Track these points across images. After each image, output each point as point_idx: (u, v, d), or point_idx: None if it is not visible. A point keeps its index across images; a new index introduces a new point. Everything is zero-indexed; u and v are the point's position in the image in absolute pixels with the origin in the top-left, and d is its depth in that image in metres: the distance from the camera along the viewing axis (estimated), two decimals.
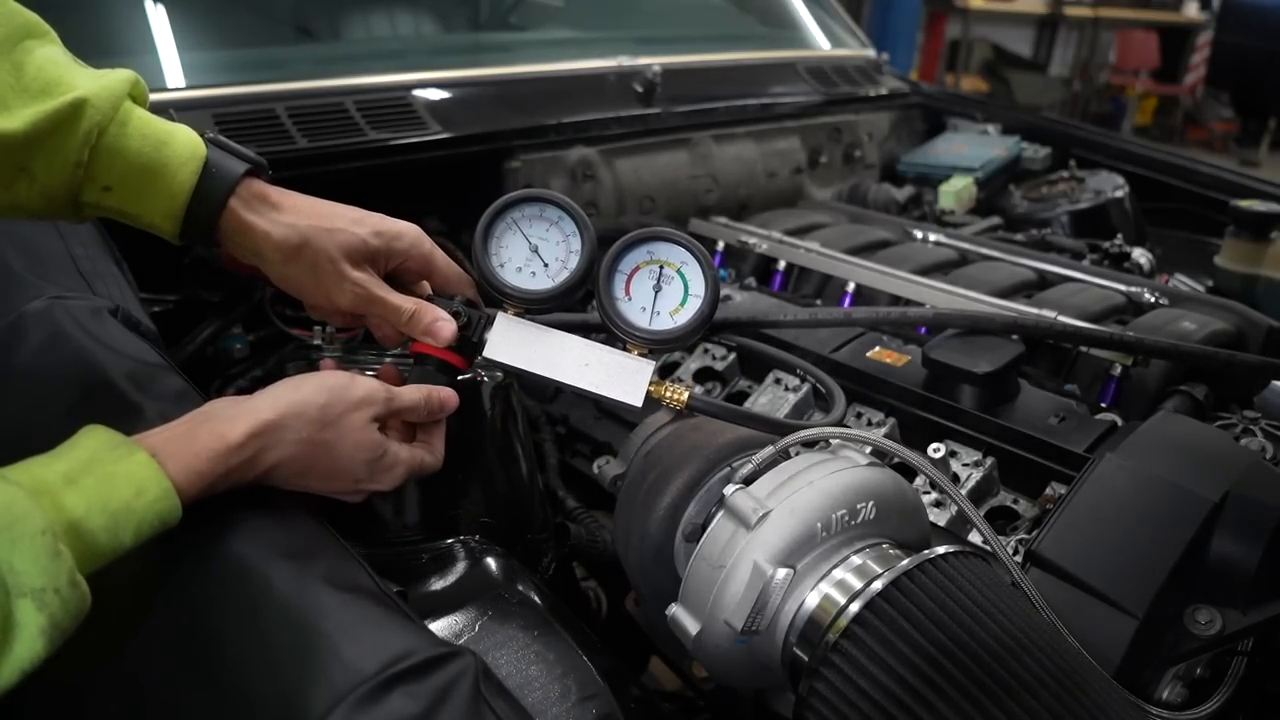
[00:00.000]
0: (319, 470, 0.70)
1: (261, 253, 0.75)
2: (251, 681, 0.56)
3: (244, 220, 0.74)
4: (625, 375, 0.79)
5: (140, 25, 1.42)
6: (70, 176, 0.69)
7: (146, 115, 0.72)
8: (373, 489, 0.74)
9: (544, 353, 0.79)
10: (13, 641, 0.51)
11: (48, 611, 0.52)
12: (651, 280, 0.81)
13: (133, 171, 0.71)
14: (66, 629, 0.54)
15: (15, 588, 0.51)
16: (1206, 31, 8.49)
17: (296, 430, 0.68)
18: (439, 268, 0.82)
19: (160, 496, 0.60)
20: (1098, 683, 0.64)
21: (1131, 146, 2.06)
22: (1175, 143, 8.06)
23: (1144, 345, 1.10)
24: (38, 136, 0.67)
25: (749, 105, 1.85)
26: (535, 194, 0.82)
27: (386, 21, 1.88)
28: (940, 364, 1.09)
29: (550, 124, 1.56)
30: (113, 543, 0.58)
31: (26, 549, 0.52)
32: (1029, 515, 1.02)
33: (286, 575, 0.61)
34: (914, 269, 1.43)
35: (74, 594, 0.54)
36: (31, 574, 0.52)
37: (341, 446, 0.70)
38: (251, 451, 0.65)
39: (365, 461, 0.72)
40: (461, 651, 0.57)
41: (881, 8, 6.28)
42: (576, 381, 0.79)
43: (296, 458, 0.68)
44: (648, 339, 0.80)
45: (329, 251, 0.75)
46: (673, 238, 0.81)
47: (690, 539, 0.79)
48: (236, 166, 0.74)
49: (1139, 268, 1.61)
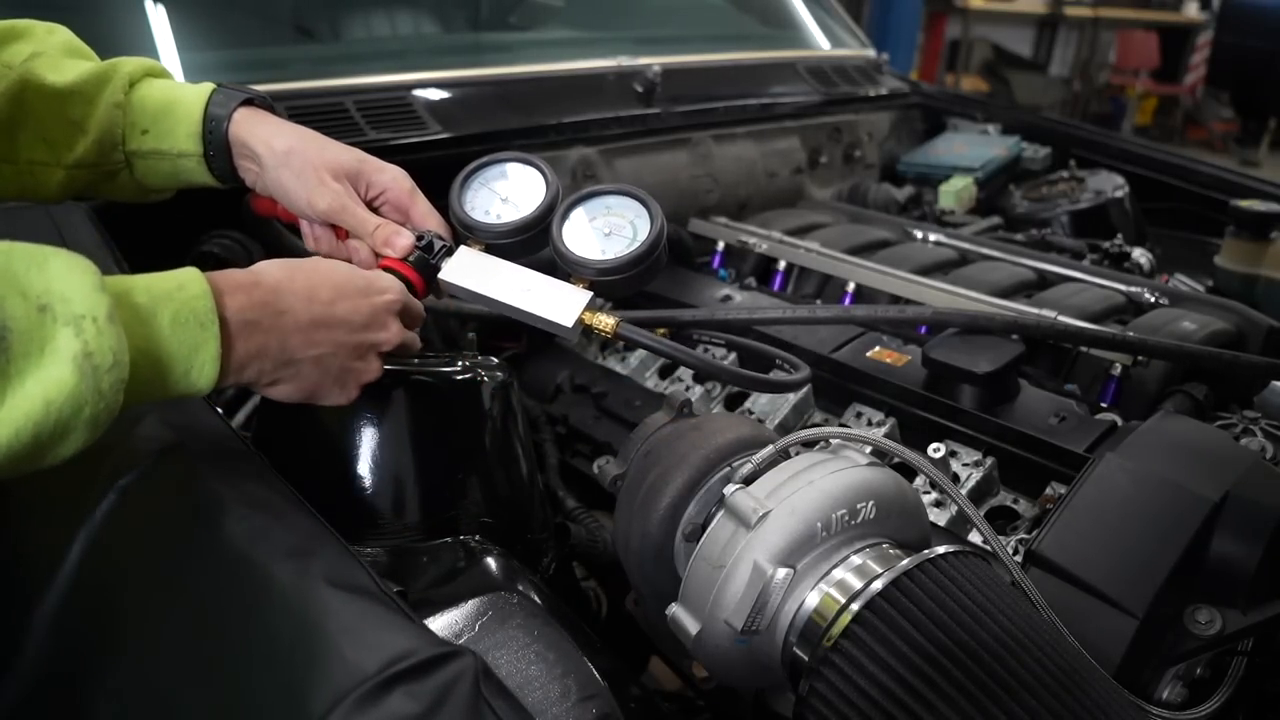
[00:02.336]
0: (322, 295, 0.73)
1: (259, 156, 0.86)
2: (252, 681, 0.56)
3: (248, 129, 0.86)
4: (561, 300, 0.84)
5: (140, 25, 1.42)
6: (112, 118, 0.85)
7: (168, 79, 0.91)
8: (372, 338, 0.76)
9: (493, 280, 0.86)
10: (45, 363, 0.52)
11: (82, 339, 0.54)
12: (605, 230, 0.87)
13: (160, 110, 0.86)
14: (98, 366, 0.54)
15: (62, 315, 0.54)
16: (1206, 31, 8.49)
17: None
18: (418, 208, 0.90)
19: (200, 295, 0.63)
20: (1098, 682, 0.64)
21: (1131, 146, 2.06)
22: (1175, 143, 8.06)
23: (1144, 346, 1.10)
24: (83, 89, 0.84)
25: (749, 105, 1.85)
26: (512, 156, 0.92)
27: (386, 21, 1.88)
28: (940, 364, 1.09)
29: (550, 124, 1.56)
30: (149, 318, 0.60)
31: (76, 279, 0.55)
32: (1029, 515, 1.02)
33: (287, 575, 0.61)
34: (914, 269, 1.43)
35: (111, 331, 0.55)
36: (74, 301, 0.54)
37: (341, 278, 0.76)
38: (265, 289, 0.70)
39: (360, 289, 0.76)
40: (462, 651, 0.57)
41: (881, 8, 6.28)
42: (516, 302, 0.84)
43: (301, 290, 0.72)
44: (586, 268, 0.84)
45: (315, 161, 0.86)
46: (627, 191, 0.87)
47: (690, 539, 0.79)
48: (241, 94, 0.88)
49: (1139, 268, 1.61)
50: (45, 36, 0.88)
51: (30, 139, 0.84)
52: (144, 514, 0.69)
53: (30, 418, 0.52)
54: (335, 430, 0.86)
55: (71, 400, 0.53)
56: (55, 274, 0.55)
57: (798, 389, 0.83)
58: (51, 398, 0.52)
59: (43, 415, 0.52)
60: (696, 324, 1.16)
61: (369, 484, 0.87)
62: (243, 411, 1.14)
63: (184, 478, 0.70)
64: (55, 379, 0.53)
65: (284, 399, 0.73)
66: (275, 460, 0.75)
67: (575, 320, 0.83)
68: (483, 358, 0.94)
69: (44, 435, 0.53)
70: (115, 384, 0.56)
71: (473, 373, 0.93)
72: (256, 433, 0.97)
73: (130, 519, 0.68)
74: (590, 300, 0.84)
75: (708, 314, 1.15)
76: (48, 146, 0.85)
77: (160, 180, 0.90)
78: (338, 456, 0.86)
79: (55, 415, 0.53)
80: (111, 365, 0.55)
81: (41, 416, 0.52)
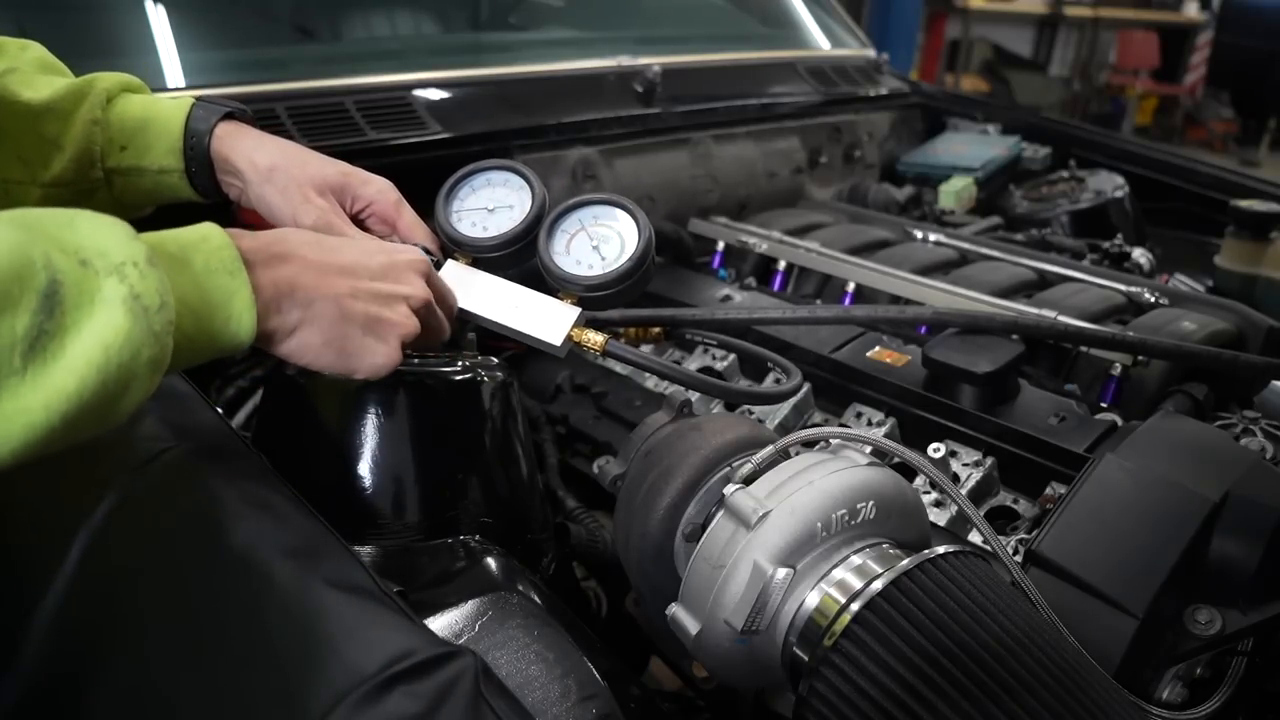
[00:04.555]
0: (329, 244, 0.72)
1: (242, 173, 0.85)
2: (251, 681, 0.56)
3: (230, 145, 0.85)
4: (550, 317, 0.83)
5: (140, 25, 1.42)
6: (89, 135, 0.83)
7: (146, 94, 0.89)
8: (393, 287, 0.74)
9: (482, 295, 0.85)
10: (96, 311, 0.53)
11: (128, 284, 0.54)
12: (591, 242, 0.86)
13: (139, 126, 0.85)
14: (148, 307, 0.55)
15: (103, 267, 0.54)
16: (1206, 31, 8.49)
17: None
18: (404, 220, 0.89)
19: (224, 245, 0.63)
20: (1098, 682, 0.64)
21: (1131, 146, 2.06)
22: (1175, 143, 8.06)
23: (1145, 345, 1.10)
24: (58, 105, 0.83)
25: (749, 105, 1.85)
26: (496, 164, 0.91)
27: (386, 21, 1.88)
28: (940, 364, 1.09)
29: (550, 124, 1.55)
30: (184, 266, 0.61)
31: (107, 232, 0.56)
32: (1029, 515, 1.02)
33: (287, 575, 0.61)
34: (914, 269, 1.43)
35: (153, 273, 0.56)
36: (113, 251, 0.55)
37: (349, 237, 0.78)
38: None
39: (374, 247, 0.76)
40: (462, 651, 0.57)
41: (881, 8, 6.28)
42: (504, 319, 0.84)
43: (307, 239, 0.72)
44: (575, 284, 0.84)
45: (299, 177, 0.85)
46: (614, 201, 0.87)
47: (690, 539, 0.79)
48: (221, 108, 0.87)
49: (1139, 268, 1.61)
50: (18, 53, 0.87)
51: (5, 157, 0.83)
52: (144, 514, 0.69)
53: (92, 364, 0.52)
54: (335, 430, 0.86)
55: (129, 343, 0.53)
56: (85, 231, 0.55)
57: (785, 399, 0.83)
58: (109, 342, 0.52)
59: (104, 360, 0.52)
60: (696, 324, 1.16)
61: (369, 484, 0.87)
62: (243, 411, 1.14)
63: (184, 478, 0.70)
64: (110, 324, 0.53)
65: (313, 357, 0.69)
66: (275, 460, 0.75)
67: (564, 338, 0.82)
68: (483, 358, 0.94)
69: (110, 382, 0.53)
70: (166, 325, 0.56)
71: (473, 373, 0.93)
72: (256, 433, 0.97)
73: (130, 519, 0.68)
74: (579, 317, 0.83)
75: (707, 314, 1.15)
76: (23, 165, 0.84)
77: (139, 197, 0.89)
78: (338, 456, 0.86)
79: (116, 359, 0.53)
80: (160, 306, 0.55)
81: (103, 362, 0.52)
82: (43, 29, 1.35)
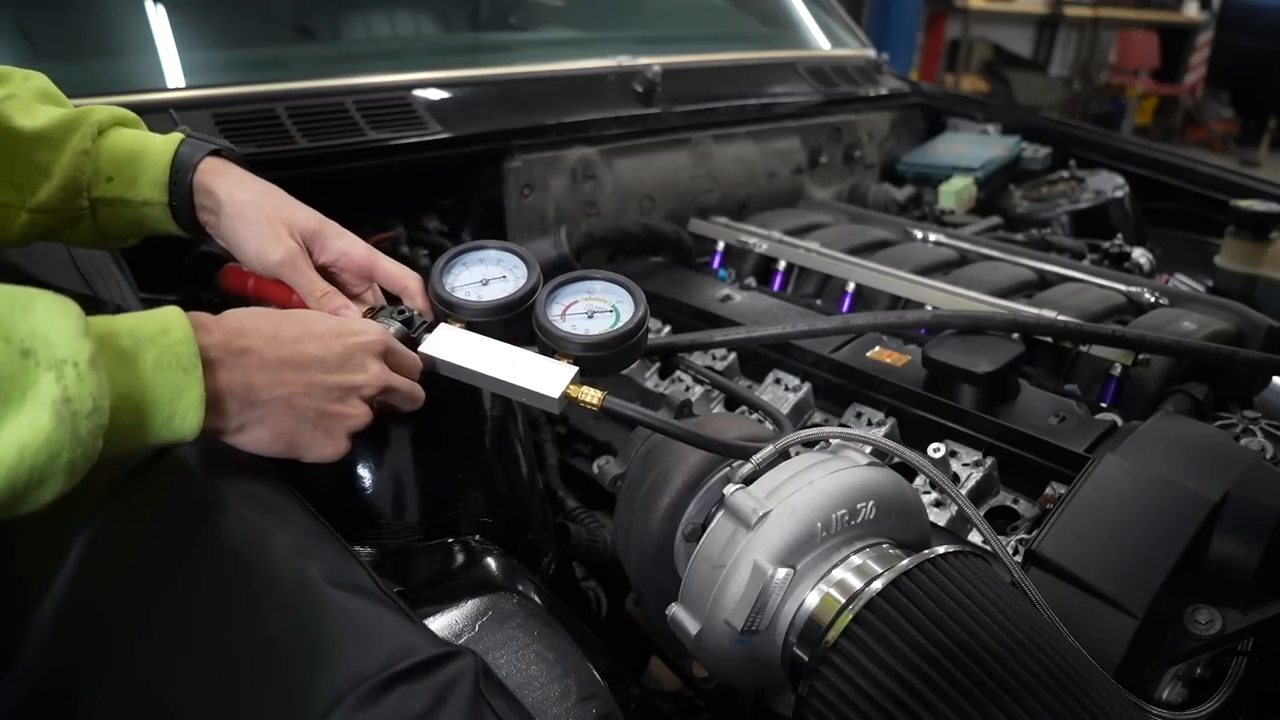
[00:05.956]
0: (287, 334, 0.71)
1: (220, 205, 0.86)
2: (252, 680, 0.56)
3: (210, 181, 0.86)
4: (546, 375, 0.83)
5: (140, 25, 1.42)
6: (78, 164, 0.85)
7: (139, 129, 0.91)
8: (348, 379, 0.74)
9: (476, 355, 0.85)
10: (25, 408, 0.52)
11: (62, 384, 0.53)
12: (588, 312, 0.86)
13: (127, 158, 0.87)
14: (76, 412, 0.54)
15: (44, 360, 0.53)
16: (1206, 31, 8.49)
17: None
18: (381, 266, 0.89)
19: (184, 339, 0.63)
20: (1098, 682, 0.64)
21: (1131, 146, 2.06)
22: (1175, 143, 8.06)
23: (1145, 342, 1.10)
24: (51, 134, 0.85)
25: (749, 105, 1.85)
26: (495, 245, 0.92)
27: (386, 21, 1.88)
28: (940, 364, 1.09)
29: (550, 124, 1.56)
30: (132, 362, 0.60)
31: (61, 323, 0.55)
32: (1029, 515, 1.02)
33: (287, 575, 0.61)
34: (914, 269, 1.43)
35: (92, 376, 0.55)
36: (59, 345, 0.54)
37: (311, 319, 0.75)
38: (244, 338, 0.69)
39: (332, 330, 0.75)
40: (462, 651, 0.57)
41: (881, 8, 6.28)
42: (501, 376, 0.83)
43: (266, 329, 0.71)
44: (571, 343, 0.84)
45: (272, 215, 0.86)
46: (612, 278, 0.88)
47: (690, 539, 0.79)
48: (207, 145, 0.89)
49: (1139, 268, 1.61)
50: (21, 82, 0.89)
51: None
52: (143, 514, 0.68)
53: (4, 463, 0.51)
54: None
55: (47, 446, 0.53)
56: (41, 317, 0.54)
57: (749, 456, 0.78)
58: (26, 443, 0.52)
59: (17, 461, 0.52)
60: (695, 347, 1.16)
61: (369, 484, 0.87)
62: None
63: (183, 478, 0.70)
64: (32, 425, 0.52)
65: (260, 449, 0.71)
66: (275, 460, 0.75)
67: (561, 394, 0.82)
68: None
69: (19, 482, 0.52)
70: (94, 430, 0.55)
71: None
72: None
73: (129, 519, 0.68)
74: (575, 375, 0.82)
75: (705, 336, 1.16)
76: (13, 189, 0.85)
77: (123, 228, 0.90)
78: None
79: (30, 461, 0.52)
80: (91, 411, 0.55)
81: (15, 462, 0.52)
82: (43, 29, 1.36)
